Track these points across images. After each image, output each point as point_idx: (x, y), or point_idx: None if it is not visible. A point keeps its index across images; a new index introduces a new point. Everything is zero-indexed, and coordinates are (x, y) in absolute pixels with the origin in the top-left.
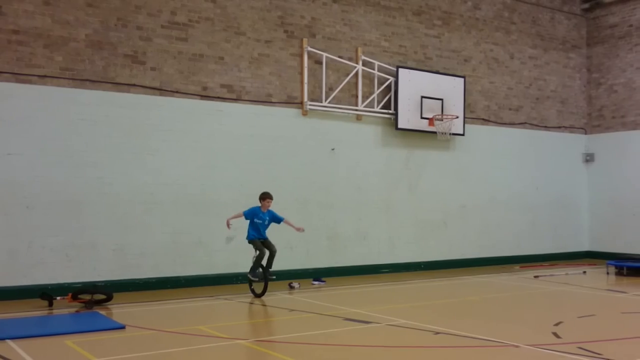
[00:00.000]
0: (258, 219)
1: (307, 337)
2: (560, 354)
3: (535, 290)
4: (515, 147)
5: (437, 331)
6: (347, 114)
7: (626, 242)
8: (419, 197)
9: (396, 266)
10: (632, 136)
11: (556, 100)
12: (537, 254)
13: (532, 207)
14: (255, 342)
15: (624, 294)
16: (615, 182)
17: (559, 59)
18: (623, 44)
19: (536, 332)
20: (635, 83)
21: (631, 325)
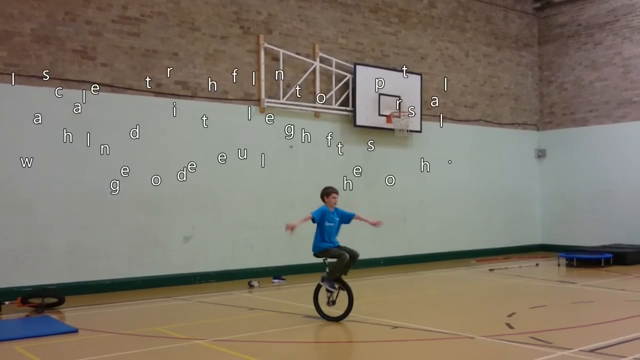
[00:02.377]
0: (329, 221)
1: (266, 335)
2: (513, 343)
3: (490, 283)
4: (471, 144)
5: (395, 325)
6: (305, 111)
7: (577, 235)
8: (377, 194)
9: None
10: (581, 132)
11: (509, 98)
12: (493, 248)
13: (488, 203)
14: (213, 341)
15: (574, 285)
16: (566, 177)
17: (512, 57)
18: (572, 42)
19: (490, 323)
20: (584, 81)
21: (580, 314)
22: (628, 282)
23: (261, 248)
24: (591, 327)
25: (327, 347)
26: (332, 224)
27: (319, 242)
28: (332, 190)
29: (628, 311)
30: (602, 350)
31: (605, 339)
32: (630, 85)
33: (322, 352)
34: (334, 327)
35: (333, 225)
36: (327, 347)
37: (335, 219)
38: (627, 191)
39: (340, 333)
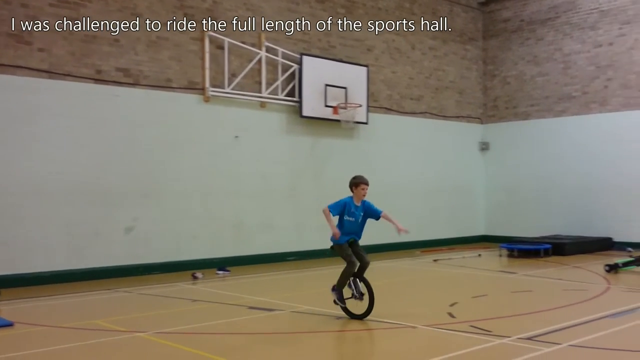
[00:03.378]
0: (349, 215)
1: (209, 326)
2: (453, 332)
3: (434, 274)
4: (417, 136)
5: (339, 316)
6: (251, 100)
7: (518, 226)
8: (324, 185)
9: (302, 254)
10: (523, 126)
11: (454, 91)
12: (437, 239)
13: (433, 194)
14: (155, 334)
15: (515, 275)
16: (508, 169)
17: (457, 50)
18: (515, 37)
19: (433, 312)
20: (526, 75)
21: (519, 303)
22: (565, 272)
23: (206, 239)
24: (529, 315)
25: (271, 338)
26: (353, 219)
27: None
28: (361, 181)
29: (564, 300)
30: (539, 337)
31: (542, 326)
32: (570, 80)
33: (265, 343)
34: (278, 318)
35: (353, 221)
36: (271, 337)
37: (358, 214)
38: (565, 184)
39: (284, 324)
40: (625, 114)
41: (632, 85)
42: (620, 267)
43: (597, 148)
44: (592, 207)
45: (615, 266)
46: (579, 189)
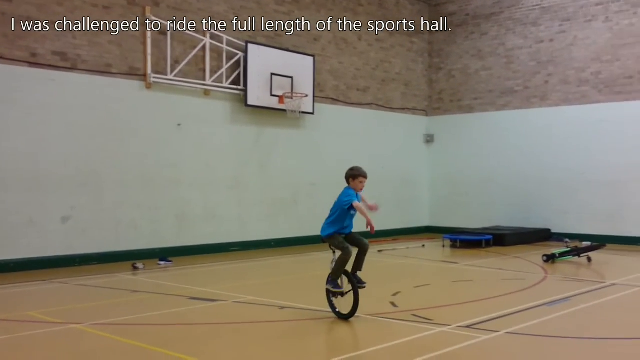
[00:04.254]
0: (353, 210)
1: (149, 317)
2: (395, 321)
3: (378, 264)
4: (363, 127)
5: (282, 306)
6: (195, 88)
7: (461, 217)
8: (269, 175)
9: (246, 244)
10: (467, 119)
11: (400, 83)
12: (383, 230)
13: (378, 185)
14: (92, 325)
15: (456, 265)
16: (452, 162)
17: (404, 42)
18: (460, 31)
19: (376, 302)
20: (471, 69)
21: (460, 292)
22: (505, 262)
23: (147, 229)
24: (469, 304)
25: (212, 329)
26: (354, 212)
27: (328, 224)
28: (360, 174)
29: (503, 289)
30: (478, 325)
31: (481, 315)
32: (512, 75)
33: (206, 333)
34: (220, 308)
35: (353, 214)
36: (212, 328)
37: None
38: (506, 176)
39: (226, 314)
40: (564, 108)
41: (571, 81)
42: (557, 257)
43: (537, 141)
44: (532, 199)
45: (552, 256)
46: (520, 182)
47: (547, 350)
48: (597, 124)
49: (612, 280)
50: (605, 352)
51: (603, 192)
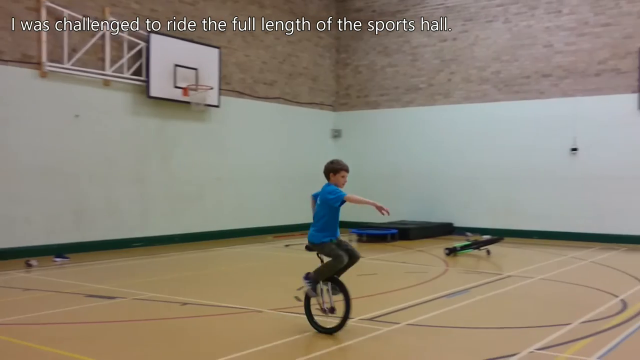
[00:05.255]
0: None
1: (42, 317)
2: (298, 315)
3: (285, 259)
4: (270, 121)
5: (184, 302)
6: (94, 78)
7: (368, 212)
8: (173, 169)
9: (149, 239)
10: (374, 115)
11: (308, 78)
12: (290, 224)
13: (285, 179)
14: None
15: (362, 259)
16: (359, 157)
17: (311, 37)
18: (367, 28)
19: (280, 297)
20: (377, 65)
21: (364, 285)
22: (409, 256)
23: (41, 224)
24: (373, 297)
25: (108, 327)
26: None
27: (320, 231)
28: (342, 167)
29: (406, 282)
30: (380, 317)
31: (384, 307)
32: (417, 72)
33: (101, 332)
34: (118, 306)
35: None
36: (108, 326)
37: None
38: (412, 172)
39: (124, 312)
40: (466, 106)
41: (472, 79)
42: (458, 250)
43: (441, 138)
44: (436, 194)
45: (454, 249)
46: (424, 177)
47: (444, 339)
48: (497, 122)
49: (508, 272)
50: (496, 340)
51: (502, 188)
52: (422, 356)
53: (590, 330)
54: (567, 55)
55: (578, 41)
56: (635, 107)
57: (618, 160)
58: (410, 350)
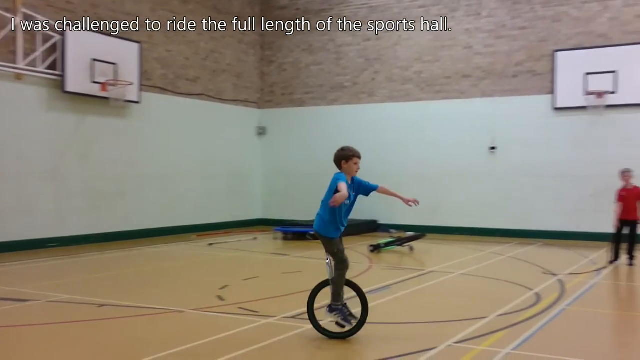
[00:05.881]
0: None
1: None
2: (221, 315)
3: (208, 258)
4: (193, 118)
5: (102, 304)
6: (4, 72)
7: (294, 209)
8: (91, 166)
9: (66, 240)
10: (299, 112)
11: (232, 74)
12: (214, 223)
13: (210, 177)
14: None
15: (286, 257)
16: (284, 155)
17: (235, 34)
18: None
19: (202, 296)
20: (302, 63)
21: (288, 284)
22: None
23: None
24: (296, 295)
25: (19, 331)
26: (348, 202)
27: (330, 223)
28: (354, 154)
29: None
30: (303, 315)
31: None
32: (342, 71)
33: (11, 336)
34: (31, 309)
35: (348, 204)
36: (19, 330)
37: (351, 194)
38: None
39: (37, 315)
40: (390, 105)
41: (396, 79)
42: (382, 247)
43: (365, 136)
44: None
45: (378, 246)
46: None
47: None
48: (419, 121)
49: (430, 267)
50: (415, 335)
51: (425, 185)
52: (341, 352)
53: (505, 323)
54: (486, 57)
55: (496, 43)
56: (550, 108)
57: (534, 158)
58: (330, 346)
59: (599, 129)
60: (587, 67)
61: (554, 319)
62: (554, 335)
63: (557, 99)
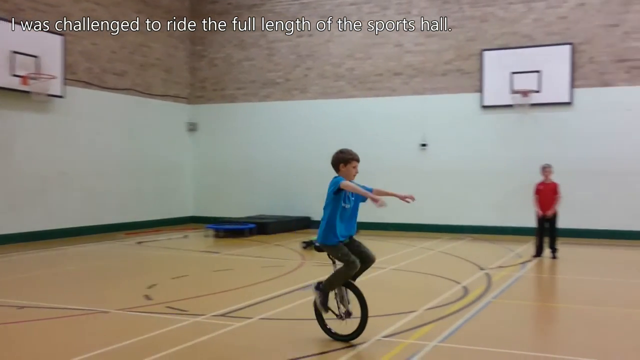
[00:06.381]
0: (345, 202)
1: None
2: (148, 314)
3: (136, 256)
4: (120, 113)
5: (22, 305)
6: None
7: (226, 206)
8: (11, 163)
9: None
10: (231, 108)
11: (161, 69)
12: (144, 221)
13: (138, 174)
14: None
15: (218, 254)
16: (216, 151)
17: (164, 27)
18: (223, 20)
19: (128, 296)
20: (234, 59)
21: (219, 281)
22: (266, 250)
23: None
24: (227, 293)
25: None
26: (348, 206)
27: (325, 230)
28: (354, 157)
29: (261, 276)
30: (233, 313)
31: (237, 302)
32: (274, 67)
33: None
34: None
35: (349, 208)
36: None
37: (352, 199)
38: (270, 166)
39: None
40: (323, 102)
41: (328, 75)
42: (315, 243)
43: (298, 133)
44: (294, 188)
45: (310, 243)
46: (283, 171)
47: (294, 332)
48: (352, 117)
49: None
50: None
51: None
52: (269, 349)
53: (434, 316)
54: (417, 55)
55: (426, 42)
56: (478, 106)
57: (463, 155)
58: (259, 345)
59: (524, 127)
60: (513, 67)
61: (480, 311)
62: (479, 327)
63: (485, 97)
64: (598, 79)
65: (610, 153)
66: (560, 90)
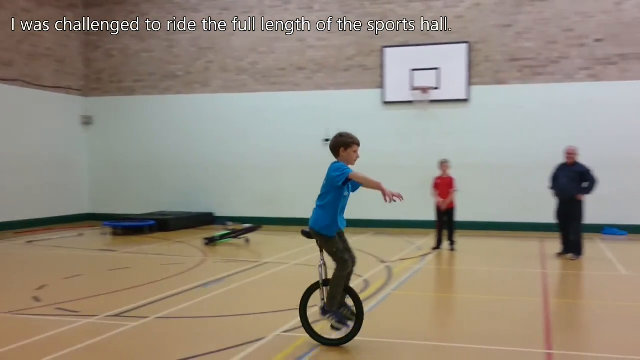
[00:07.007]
0: (347, 191)
1: None
2: (36, 317)
3: (25, 256)
4: (7, 105)
5: None
6: None
7: (125, 203)
8: None
9: None
10: (129, 101)
11: (52, 59)
12: (35, 219)
13: (28, 170)
14: None
15: (115, 252)
16: (114, 145)
17: (56, 16)
18: (120, 10)
19: (15, 298)
20: (131, 50)
21: (114, 281)
22: (167, 247)
23: None
24: (123, 292)
25: None
26: (347, 194)
27: (330, 221)
28: (353, 141)
29: (159, 274)
30: (128, 313)
31: (133, 302)
32: (174, 59)
33: None
34: None
35: (347, 196)
36: None
37: (349, 188)
38: (171, 161)
39: None
40: (225, 95)
41: (230, 69)
42: (217, 240)
43: (200, 127)
44: (197, 184)
45: (213, 239)
46: (185, 166)
47: (192, 330)
48: (255, 112)
49: (266, 258)
50: (246, 326)
51: (262, 177)
52: (164, 349)
53: None
54: (319, 50)
55: (328, 37)
56: (380, 102)
57: (365, 150)
58: (155, 345)
59: (424, 123)
60: (413, 64)
61: (380, 303)
62: (379, 318)
63: (387, 94)
64: (493, 77)
65: (504, 149)
66: (457, 87)
